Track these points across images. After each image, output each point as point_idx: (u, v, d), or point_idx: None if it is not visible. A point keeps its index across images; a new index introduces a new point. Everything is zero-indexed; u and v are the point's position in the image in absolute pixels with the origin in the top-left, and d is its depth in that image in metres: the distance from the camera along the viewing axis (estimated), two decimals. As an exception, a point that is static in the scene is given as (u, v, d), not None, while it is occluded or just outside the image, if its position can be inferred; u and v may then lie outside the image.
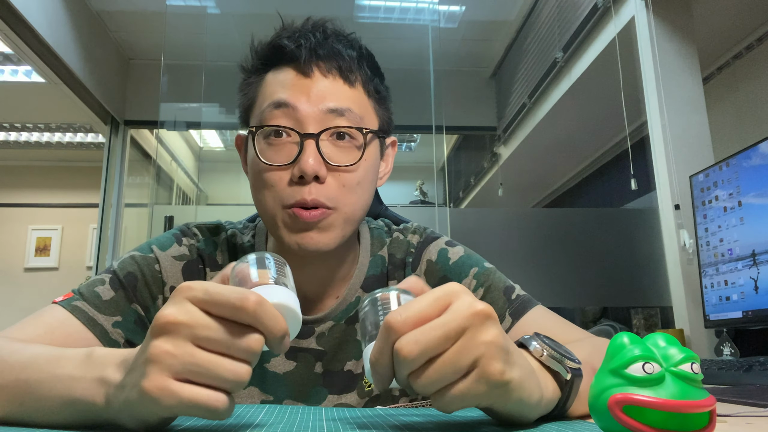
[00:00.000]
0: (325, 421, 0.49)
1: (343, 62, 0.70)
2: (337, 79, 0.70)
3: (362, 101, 0.72)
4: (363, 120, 0.70)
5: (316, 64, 0.70)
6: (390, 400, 0.77)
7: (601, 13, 2.52)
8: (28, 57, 2.90)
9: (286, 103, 0.68)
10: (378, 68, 0.76)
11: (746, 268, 1.47)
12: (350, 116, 0.69)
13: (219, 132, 4.43)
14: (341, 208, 0.68)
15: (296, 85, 0.69)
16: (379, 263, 0.81)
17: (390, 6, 3.41)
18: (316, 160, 0.66)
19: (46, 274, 4.89)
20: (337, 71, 0.70)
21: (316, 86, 0.69)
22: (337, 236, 0.69)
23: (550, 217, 2.59)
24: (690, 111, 2.13)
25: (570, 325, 0.73)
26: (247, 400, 0.74)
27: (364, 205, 0.72)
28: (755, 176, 1.45)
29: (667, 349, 0.37)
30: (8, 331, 0.61)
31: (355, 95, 0.71)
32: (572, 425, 0.45)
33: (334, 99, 0.69)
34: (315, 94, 0.68)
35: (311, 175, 0.66)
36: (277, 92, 0.69)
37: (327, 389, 0.75)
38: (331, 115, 0.68)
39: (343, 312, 0.77)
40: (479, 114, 4.02)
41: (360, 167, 0.70)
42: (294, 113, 0.68)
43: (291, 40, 0.71)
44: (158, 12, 3.35)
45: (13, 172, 5.09)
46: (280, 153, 0.68)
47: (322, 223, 0.67)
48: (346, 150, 0.69)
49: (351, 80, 0.71)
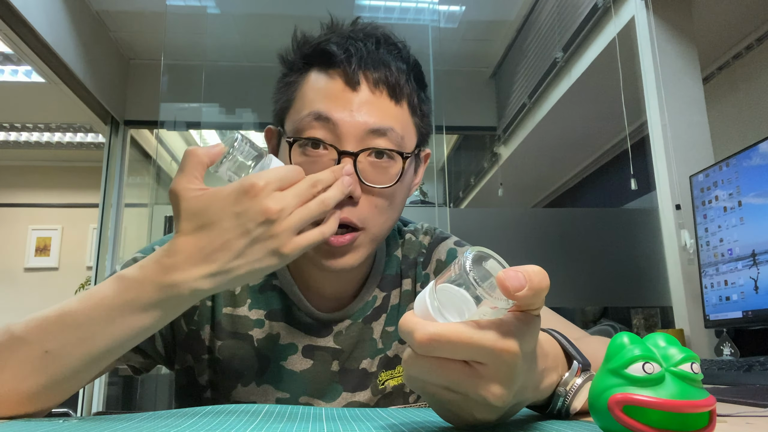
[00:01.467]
0: (325, 422, 0.49)
1: (392, 76, 0.68)
2: (383, 95, 0.67)
3: (405, 119, 0.69)
4: (404, 140, 0.68)
5: (364, 75, 0.67)
6: (401, 398, 0.78)
7: (601, 13, 2.52)
8: (28, 57, 2.90)
9: (326, 116, 0.65)
10: (423, 79, 0.75)
11: (746, 268, 1.47)
12: (392, 136, 0.66)
13: (219, 132, 4.42)
14: (370, 228, 0.68)
15: (340, 98, 0.66)
16: (395, 263, 0.82)
17: (390, 6, 3.41)
18: (352, 177, 0.64)
19: (46, 274, 4.89)
20: (384, 86, 0.67)
21: (361, 101, 0.66)
22: (362, 255, 0.69)
23: (550, 217, 2.59)
24: (690, 111, 2.13)
25: (571, 325, 0.74)
26: (262, 398, 0.74)
27: (393, 223, 0.72)
28: (755, 176, 1.45)
29: (667, 349, 0.36)
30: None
31: (399, 113, 0.68)
32: (572, 425, 0.45)
33: (378, 117, 0.66)
34: (358, 110, 0.66)
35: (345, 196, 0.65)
36: (318, 102, 0.66)
37: (342, 386, 0.76)
38: (373, 135, 0.66)
39: (361, 310, 0.78)
40: (479, 114, 4.02)
41: (396, 189, 0.68)
42: (335, 128, 0.65)
43: (340, 47, 0.68)
44: (158, 12, 3.35)
45: (13, 172, 5.09)
46: (315, 166, 0.65)
47: (351, 245, 0.67)
48: (382, 170, 0.67)
49: (397, 97, 0.68)
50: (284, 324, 0.76)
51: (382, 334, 0.78)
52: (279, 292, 0.77)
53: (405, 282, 0.81)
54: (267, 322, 0.76)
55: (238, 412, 0.54)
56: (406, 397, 0.78)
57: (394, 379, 0.78)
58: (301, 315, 0.76)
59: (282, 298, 0.76)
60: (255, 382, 0.75)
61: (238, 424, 0.47)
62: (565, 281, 2.36)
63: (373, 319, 0.78)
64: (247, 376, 0.75)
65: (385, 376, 0.77)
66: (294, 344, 0.75)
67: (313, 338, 0.75)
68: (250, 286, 0.77)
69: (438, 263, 0.82)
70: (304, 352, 0.75)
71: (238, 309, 0.76)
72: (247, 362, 0.75)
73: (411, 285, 0.81)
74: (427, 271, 0.82)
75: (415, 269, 0.82)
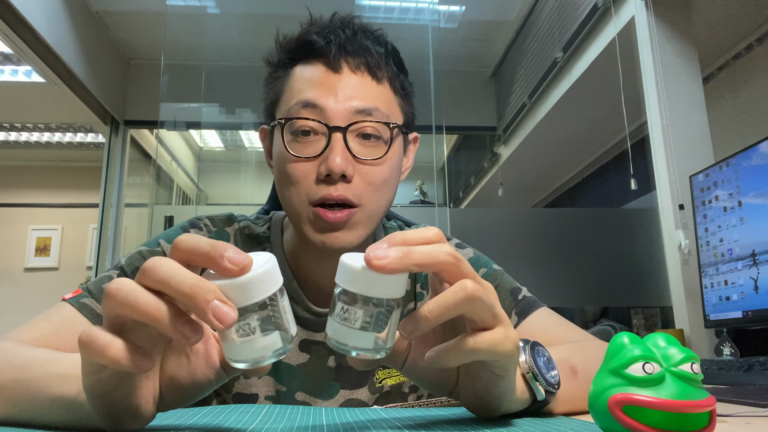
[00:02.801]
0: (326, 423, 0.49)
1: (372, 58, 0.70)
2: (365, 75, 0.70)
3: (389, 98, 0.72)
4: (389, 118, 0.71)
5: (345, 59, 0.70)
6: (400, 397, 0.78)
7: (601, 13, 2.52)
8: (28, 57, 2.90)
9: (314, 103, 0.68)
10: (403, 65, 0.77)
11: (746, 268, 1.47)
12: (377, 115, 0.69)
13: (219, 132, 4.43)
14: (366, 205, 0.69)
15: (324, 83, 0.69)
16: None
17: (390, 6, 3.41)
18: (343, 157, 0.66)
19: (46, 274, 4.89)
20: (365, 68, 0.70)
21: (344, 84, 0.69)
22: (361, 234, 0.70)
23: (550, 217, 2.59)
24: (690, 111, 2.13)
25: (572, 326, 0.74)
26: (264, 388, 0.75)
27: (388, 202, 0.73)
28: (755, 176, 1.45)
29: (667, 349, 0.37)
30: (18, 332, 0.62)
31: (382, 92, 0.71)
32: (572, 425, 0.45)
33: (362, 97, 0.69)
34: (343, 92, 0.68)
35: (338, 173, 0.66)
36: (304, 90, 0.69)
37: (339, 384, 0.76)
38: (359, 115, 0.68)
39: None
40: (479, 114, 4.02)
41: (386, 164, 0.70)
42: (322, 113, 0.68)
43: (320, 35, 0.71)
44: (158, 12, 3.35)
45: (13, 172, 5.09)
46: (307, 148, 0.68)
47: (348, 222, 0.68)
48: (372, 148, 0.69)
49: (378, 77, 0.71)
50: None
51: None
52: None
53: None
54: None
55: (239, 412, 0.54)
56: (404, 396, 0.78)
57: (392, 378, 0.78)
58: (298, 310, 0.76)
59: None
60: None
61: (238, 425, 0.47)
62: (565, 281, 2.36)
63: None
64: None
65: (382, 374, 0.77)
66: None
67: (310, 333, 0.76)
68: None
69: None
70: (301, 347, 0.76)
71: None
72: None
73: (410, 285, 0.81)
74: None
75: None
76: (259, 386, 0.75)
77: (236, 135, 4.40)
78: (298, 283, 0.77)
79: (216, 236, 0.79)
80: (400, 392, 0.78)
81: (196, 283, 0.36)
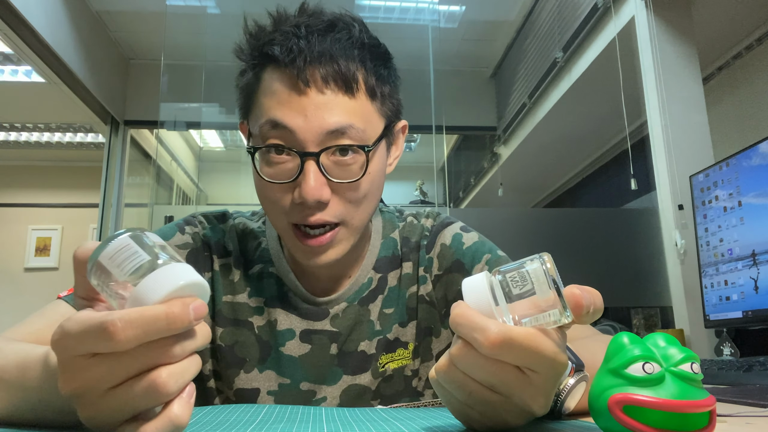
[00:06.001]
0: (326, 423, 0.49)
1: (343, 65, 0.65)
2: (337, 92, 0.64)
3: (364, 110, 0.67)
4: (366, 132, 0.66)
5: (312, 75, 0.64)
6: (402, 381, 0.78)
7: (601, 13, 2.52)
8: (28, 57, 2.90)
9: (283, 124, 0.64)
10: (382, 53, 0.71)
11: (746, 268, 1.47)
12: (352, 133, 0.64)
13: (219, 132, 4.43)
14: (349, 221, 0.68)
15: (293, 103, 0.64)
16: (391, 245, 0.82)
17: (390, 6, 3.41)
18: (317, 181, 0.64)
19: (46, 274, 4.89)
20: (335, 81, 0.64)
21: (315, 104, 0.63)
22: (345, 248, 0.70)
23: (550, 217, 2.59)
24: (690, 111, 2.13)
25: None
26: (266, 383, 0.75)
27: (371, 212, 0.72)
28: (755, 176, 1.45)
29: (667, 349, 0.37)
30: (13, 329, 0.62)
31: (356, 106, 0.66)
32: (572, 425, 0.45)
33: (335, 116, 0.64)
34: (313, 113, 0.63)
35: (312, 203, 0.64)
36: (273, 109, 0.65)
37: (342, 369, 0.76)
38: (332, 136, 0.64)
39: (357, 293, 0.78)
40: (479, 114, 4.02)
41: (365, 178, 0.67)
42: (292, 135, 0.64)
43: (284, 47, 0.65)
44: (158, 12, 3.35)
45: (13, 172, 5.09)
46: (281, 172, 0.65)
47: (332, 241, 0.68)
48: (348, 167, 0.66)
49: (352, 89, 0.65)
50: (281, 310, 0.76)
51: (379, 315, 0.78)
52: (276, 279, 0.77)
53: (405, 265, 0.81)
54: (266, 309, 0.77)
55: (239, 412, 0.54)
56: (407, 380, 0.78)
57: (395, 362, 0.78)
58: (297, 300, 0.77)
59: (278, 285, 0.77)
60: (257, 368, 0.75)
61: (238, 424, 0.47)
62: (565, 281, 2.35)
63: (370, 301, 0.78)
64: (249, 363, 0.75)
65: (385, 359, 0.77)
66: (291, 329, 0.76)
67: (310, 322, 0.76)
68: (248, 274, 0.78)
69: (443, 248, 0.80)
70: (301, 337, 0.76)
71: (238, 296, 0.77)
72: (249, 348, 0.76)
73: (412, 269, 0.81)
74: (431, 255, 0.81)
75: (418, 253, 0.81)
76: (261, 381, 0.75)
77: (236, 135, 4.40)
78: (295, 275, 0.77)
79: (211, 232, 0.79)
80: (402, 376, 0.78)
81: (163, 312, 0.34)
